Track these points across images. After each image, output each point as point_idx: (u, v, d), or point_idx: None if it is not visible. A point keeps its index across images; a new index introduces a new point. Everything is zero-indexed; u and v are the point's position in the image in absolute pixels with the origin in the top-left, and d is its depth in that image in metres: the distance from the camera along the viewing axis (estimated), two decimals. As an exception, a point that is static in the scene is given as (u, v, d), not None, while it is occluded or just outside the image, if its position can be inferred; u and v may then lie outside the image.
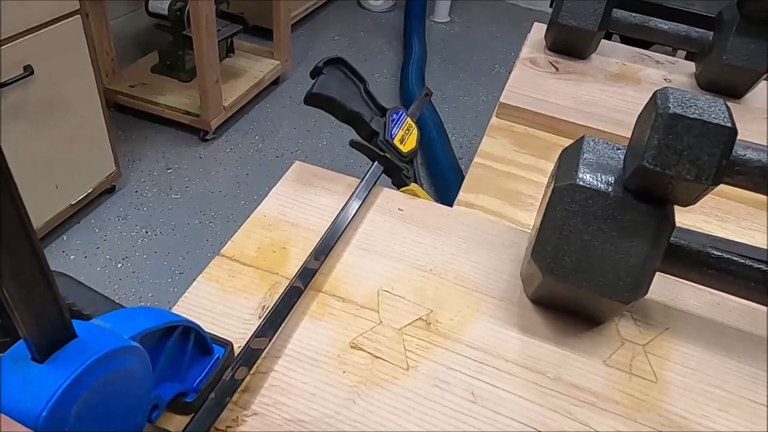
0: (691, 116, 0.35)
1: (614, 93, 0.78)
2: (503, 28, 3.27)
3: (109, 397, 0.26)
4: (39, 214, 1.55)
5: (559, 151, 0.70)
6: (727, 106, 0.37)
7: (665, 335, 0.46)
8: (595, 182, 0.40)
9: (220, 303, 0.44)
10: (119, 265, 1.63)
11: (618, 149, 0.43)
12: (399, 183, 0.58)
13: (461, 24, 3.30)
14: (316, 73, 0.56)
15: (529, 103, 0.73)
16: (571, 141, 0.72)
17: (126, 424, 0.29)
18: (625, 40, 1.07)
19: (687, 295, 0.50)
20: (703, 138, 0.35)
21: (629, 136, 0.70)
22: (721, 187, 0.48)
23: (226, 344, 0.39)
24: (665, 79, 0.83)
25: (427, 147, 2.17)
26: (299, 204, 0.54)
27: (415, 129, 0.61)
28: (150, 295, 1.56)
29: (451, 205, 0.58)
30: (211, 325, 0.42)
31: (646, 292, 0.41)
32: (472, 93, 2.67)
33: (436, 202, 0.57)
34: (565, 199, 0.40)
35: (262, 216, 0.52)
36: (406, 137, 0.60)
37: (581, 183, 0.40)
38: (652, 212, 0.39)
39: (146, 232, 1.74)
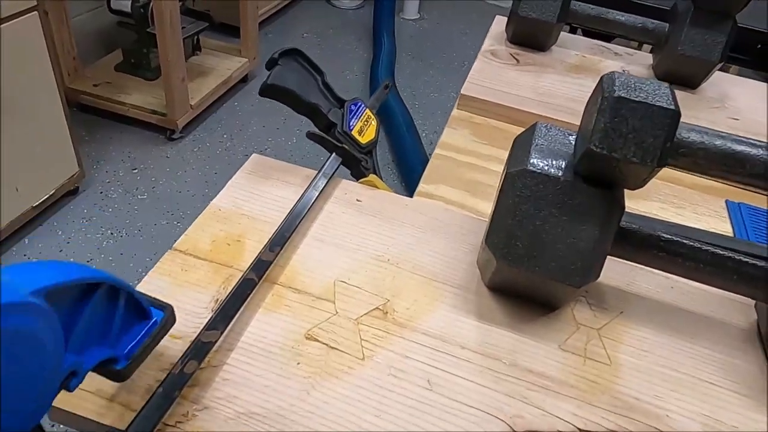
0: (636, 99, 0.36)
1: (573, 84, 0.79)
2: (472, 25, 3.29)
3: (4, 363, 0.22)
4: (-2, 217, 1.50)
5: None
6: (671, 90, 0.37)
7: (620, 319, 0.47)
8: (546, 167, 0.40)
9: (172, 297, 0.43)
10: (84, 268, 1.59)
11: (570, 135, 0.43)
12: (358, 174, 0.58)
13: (431, 21, 3.31)
14: (271, 64, 0.55)
15: (489, 94, 0.73)
16: (532, 131, 0.73)
17: (30, 392, 0.25)
18: (587, 33, 1.08)
19: (642, 279, 0.50)
20: (648, 120, 0.35)
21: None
22: (677, 174, 0.48)
23: (165, 307, 0.36)
24: (623, 70, 0.84)
25: (397, 143, 2.17)
26: (255, 196, 0.53)
27: (374, 120, 0.61)
28: (116, 297, 1.53)
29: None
30: (162, 319, 0.41)
31: (598, 276, 0.41)
32: (441, 89, 2.68)
33: (407, 197, 0.56)
34: (516, 184, 0.40)
35: (217, 209, 0.51)
36: (364, 128, 0.59)
37: (532, 168, 0.40)
38: (602, 196, 0.39)
39: (111, 233, 1.70)
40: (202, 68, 2.27)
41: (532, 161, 0.40)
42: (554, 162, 0.40)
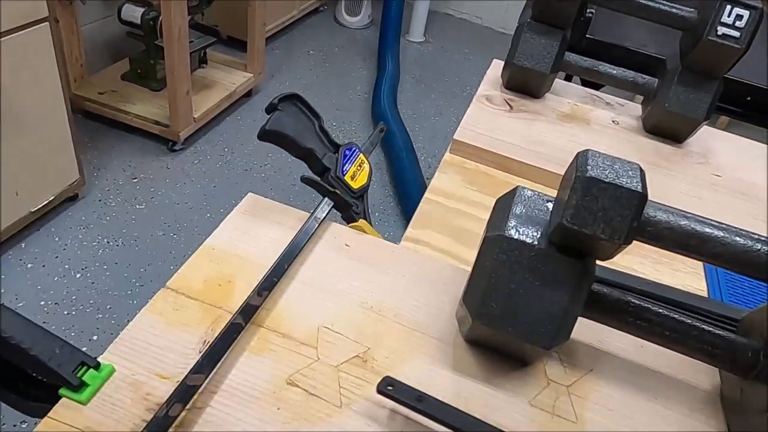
0: (606, 180, 0.38)
1: (563, 133, 0.82)
2: (476, 50, 3.34)
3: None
4: (-3, 222, 1.52)
5: (507, 189, 0.73)
6: (641, 171, 0.40)
7: (589, 376, 0.49)
8: (522, 235, 0.42)
9: (163, 336, 0.45)
10: (78, 275, 1.61)
11: (548, 201, 0.46)
12: (348, 218, 0.60)
13: (435, 44, 3.36)
14: (271, 109, 0.58)
15: (481, 141, 0.76)
16: (519, 179, 0.76)
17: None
18: (583, 80, 1.11)
19: (613, 337, 0.53)
20: (616, 201, 0.38)
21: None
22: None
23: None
24: (613, 121, 0.87)
25: (395, 166, 2.20)
26: (249, 237, 0.55)
27: (367, 165, 0.64)
28: (108, 306, 1.55)
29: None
30: (152, 359, 0.43)
31: (568, 338, 0.44)
32: (443, 113, 2.72)
33: (404, 219, 0.59)
34: (493, 248, 0.42)
35: (211, 248, 0.53)
36: (357, 173, 0.62)
37: (508, 234, 0.42)
38: (574, 264, 0.41)
39: (108, 242, 1.72)
40: (207, 81, 2.31)
41: (509, 227, 0.43)
42: (530, 229, 0.43)
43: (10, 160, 1.49)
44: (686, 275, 0.66)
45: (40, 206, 1.64)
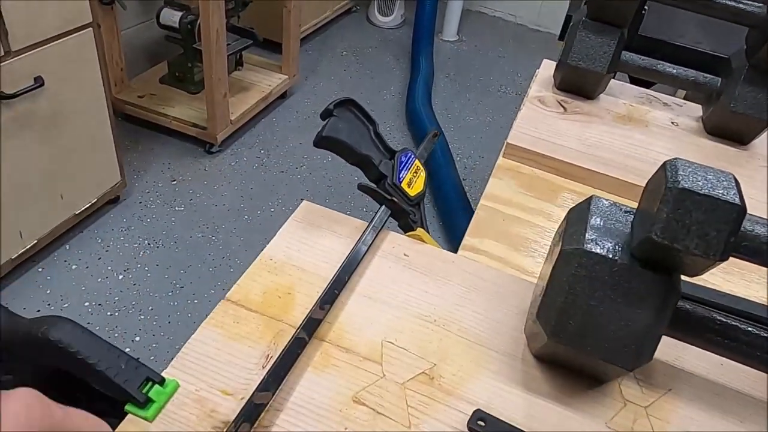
0: (701, 192, 0.35)
1: (621, 136, 0.79)
2: (510, 49, 3.29)
3: None
4: (43, 224, 1.55)
5: (565, 194, 0.70)
6: (736, 181, 0.37)
7: (668, 397, 0.46)
8: (603, 248, 0.40)
9: (225, 350, 0.44)
10: (120, 277, 1.63)
11: (626, 212, 0.43)
12: (405, 226, 0.58)
13: (469, 43, 3.32)
14: (326, 114, 0.57)
15: (536, 144, 0.73)
16: (577, 184, 0.73)
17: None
18: (631, 78, 1.08)
19: (691, 355, 0.50)
20: (712, 214, 0.35)
21: (634, 182, 0.70)
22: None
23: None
24: (672, 122, 0.84)
25: (431, 167, 2.17)
26: (306, 247, 0.54)
27: (423, 171, 0.62)
28: (150, 308, 1.56)
29: (453, 229, 0.58)
30: (215, 374, 0.42)
31: (651, 359, 0.41)
32: (477, 113, 2.68)
33: (441, 223, 0.56)
34: (572, 263, 0.40)
35: (268, 259, 0.52)
36: (414, 180, 0.60)
37: (588, 248, 0.40)
38: (659, 281, 0.39)
39: (149, 243, 1.74)
40: (243, 83, 2.32)
41: (588, 240, 0.40)
42: (611, 243, 0.40)
43: (55, 163, 1.51)
44: (760, 286, 0.62)
45: (84, 208, 1.67)
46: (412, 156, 0.61)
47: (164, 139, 2.14)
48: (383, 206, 0.57)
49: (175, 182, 1.98)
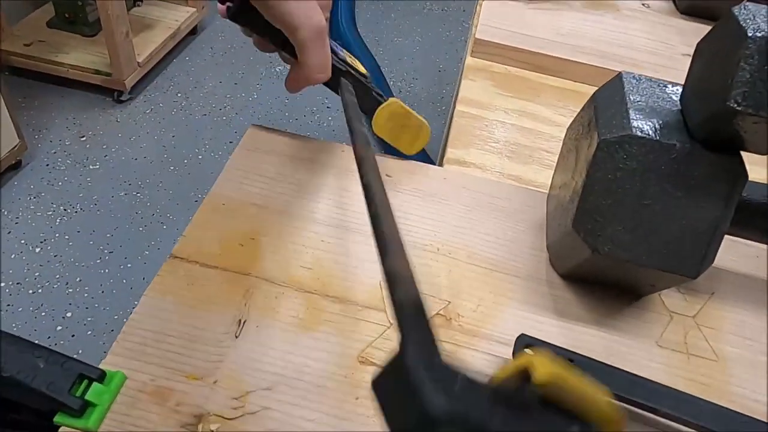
0: (792, 39, 0.27)
1: (595, 22, 0.70)
2: (431, -37, 3.11)
3: None
4: (-68, 201, 1.34)
5: (547, 91, 0.62)
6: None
7: (713, 302, 0.40)
8: (655, 132, 0.31)
9: (182, 322, 0.34)
10: (38, 249, 1.45)
11: (665, 87, 0.35)
12: (372, 104, 0.46)
13: (387, -41, 3.12)
14: None
15: (507, 38, 0.64)
16: (557, 79, 0.64)
17: None
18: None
19: (720, 249, 0.44)
20: (808, 67, 0.27)
21: (618, 69, 0.63)
22: None
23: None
24: (643, 4, 0.76)
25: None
26: (263, 179, 0.43)
27: (356, 60, 0.50)
28: (77, 279, 1.40)
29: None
30: (173, 354, 0.32)
31: (713, 261, 0.34)
32: (405, 33, 2.54)
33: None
34: (617, 155, 0.32)
35: (218, 199, 0.41)
36: (354, 62, 0.48)
37: (638, 133, 0.31)
38: (727, 164, 0.31)
39: (64, 209, 1.55)
40: (146, 20, 2.07)
41: (635, 124, 0.32)
42: (663, 124, 0.32)
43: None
44: None
45: (-20, 178, 1.45)
46: (338, 44, 0.49)
47: (64, 91, 1.90)
48: (344, 87, 0.44)
49: (84, 138, 1.77)
